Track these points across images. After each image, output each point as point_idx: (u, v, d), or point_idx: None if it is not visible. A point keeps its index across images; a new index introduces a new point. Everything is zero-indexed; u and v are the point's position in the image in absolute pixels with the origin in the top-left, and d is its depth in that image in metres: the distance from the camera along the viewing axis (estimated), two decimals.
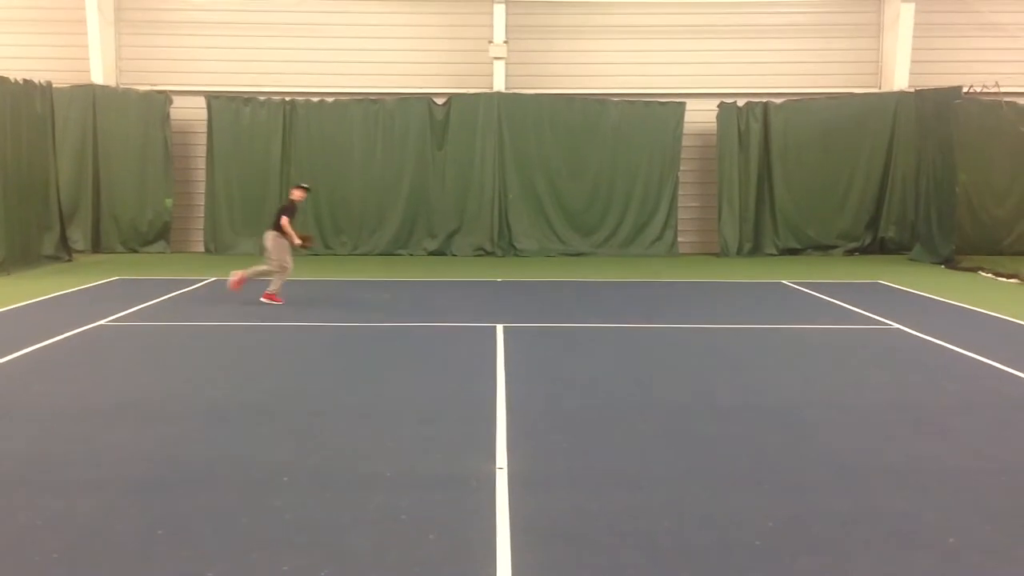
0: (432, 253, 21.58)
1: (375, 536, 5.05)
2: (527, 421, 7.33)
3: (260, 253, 15.12)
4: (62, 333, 10.87)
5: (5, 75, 17.44)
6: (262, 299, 13.23)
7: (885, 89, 22.09)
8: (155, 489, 5.77)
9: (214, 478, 5.98)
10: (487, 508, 5.43)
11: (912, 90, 21.33)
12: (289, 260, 13.41)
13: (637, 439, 6.93)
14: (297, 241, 13.23)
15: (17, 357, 9.61)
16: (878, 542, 5.04)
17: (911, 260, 20.23)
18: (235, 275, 13.31)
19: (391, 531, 5.11)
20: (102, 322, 11.75)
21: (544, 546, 4.95)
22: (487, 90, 21.75)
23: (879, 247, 21.91)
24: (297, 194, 13.69)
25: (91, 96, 21.23)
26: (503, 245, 21.64)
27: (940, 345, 10.60)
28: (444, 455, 6.48)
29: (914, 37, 21.76)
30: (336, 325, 11.98)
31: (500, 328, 11.38)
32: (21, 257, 17.60)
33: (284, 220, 13.18)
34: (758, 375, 9.28)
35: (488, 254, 21.46)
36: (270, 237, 13.33)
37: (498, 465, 6.21)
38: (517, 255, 21.43)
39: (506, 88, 21.78)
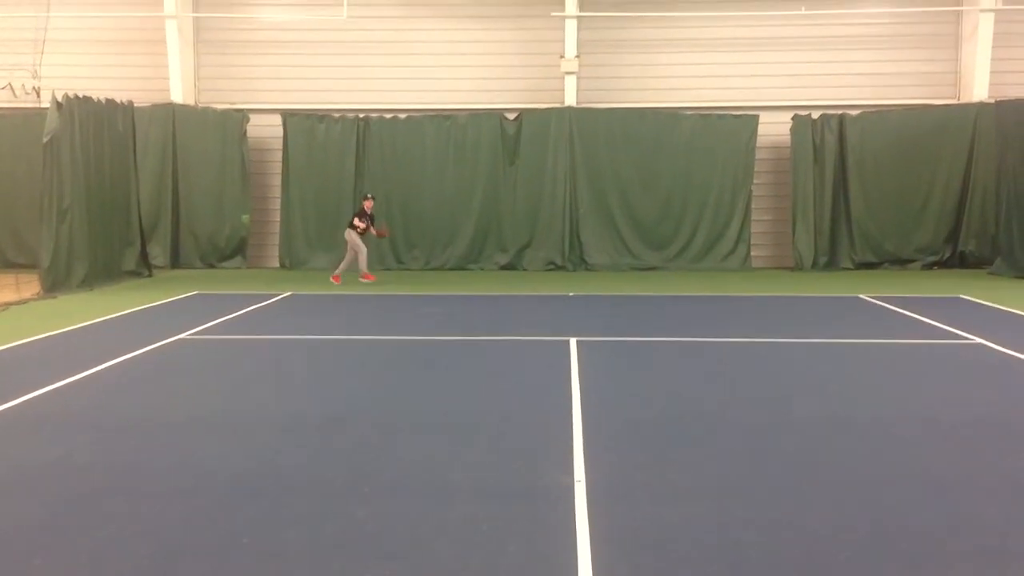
0: (503, 267, 21.66)
1: (456, 546, 5.05)
2: (604, 434, 7.29)
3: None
4: (143, 347, 11.09)
5: (89, 95, 17.91)
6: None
7: (964, 100, 21.67)
8: (239, 499, 5.84)
9: (296, 488, 6.04)
10: (567, 520, 5.41)
11: (992, 101, 20.90)
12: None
13: (716, 453, 6.85)
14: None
15: (100, 370, 9.82)
16: (970, 557, 4.92)
17: (992, 274, 19.78)
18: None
19: (472, 542, 5.12)
20: (182, 336, 11.97)
21: (626, 558, 4.91)
22: (558, 105, 21.80)
23: (959, 261, 21.46)
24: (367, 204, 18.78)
25: (171, 114, 21.74)
26: (574, 259, 21.63)
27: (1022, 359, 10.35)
28: (521, 467, 6.47)
29: (993, 47, 21.32)
30: (409, 338, 12.06)
31: (573, 341, 11.36)
32: (103, 272, 18.04)
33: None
34: (837, 389, 9.13)
35: (559, 268, 21.47)
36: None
37: (576, 477, 6.18)
38: (588, 269, 21.41)
39: (577, 103, 21.82)
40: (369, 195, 19.14)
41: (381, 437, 7.30)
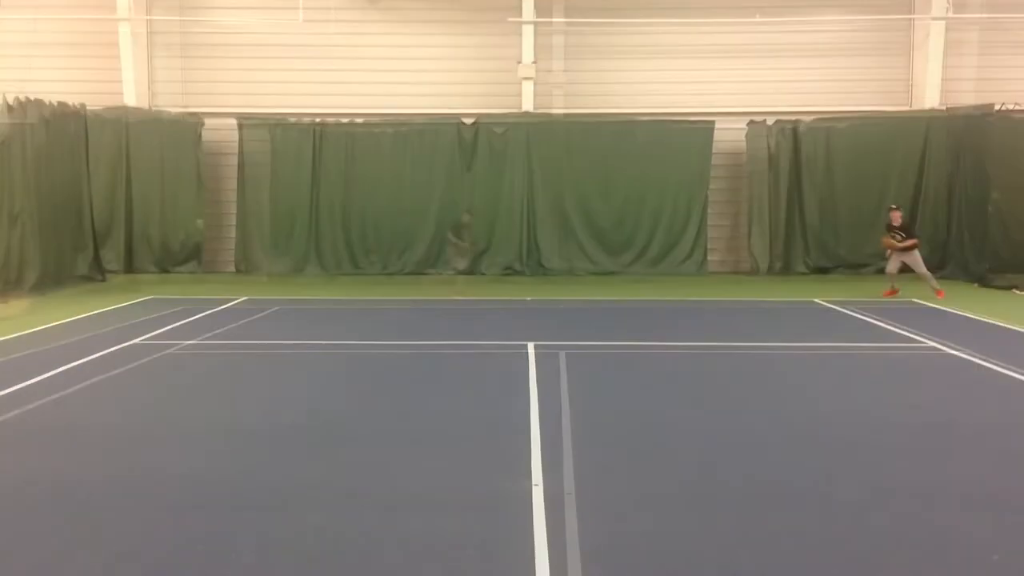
0: (461, 272, 21.59)
1: (415, 553, 5.03)
2: (562, 440, 7.29)
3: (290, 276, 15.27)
4: (96, 352, 10.96)
5: (40, 98, 17.66)
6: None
7: (916, 108, 21.94)
8: (194, 507, 5.78)
9: (253, 496, 5.99)
10: (524, 526, 5.40)
11: (943, 108, 21.21)
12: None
13: (672, 459, 6.89)
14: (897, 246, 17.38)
15: (52, 376, 9.69)
16: (922, 560, 4.99)
17: (944, 279, 20.02)
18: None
19: (430, 549, 5.10)
20: (135, 341, 11.84)
21: (583, 565, 4.91)
22: (515, 110, 21.80)
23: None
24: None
25: (124, 119, 21.41)
26: (531, 264, 21.62)
27: (976, 363, 10.48)
28: (480, 474, 6.46)
29: (945, 55, 21.64)
30: (367, 344, 12.00)
31: (531, 347, 11.36)
32: (55, 277, 17.79)
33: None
34: (794, 394, 9.22)
35: (516, 273, 21.45)
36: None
37: (534, 483, 6.17)
38: (545, 275, 21.41)
39: (534, 108, 21.82)
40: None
41: (337, 445, 7.26)
